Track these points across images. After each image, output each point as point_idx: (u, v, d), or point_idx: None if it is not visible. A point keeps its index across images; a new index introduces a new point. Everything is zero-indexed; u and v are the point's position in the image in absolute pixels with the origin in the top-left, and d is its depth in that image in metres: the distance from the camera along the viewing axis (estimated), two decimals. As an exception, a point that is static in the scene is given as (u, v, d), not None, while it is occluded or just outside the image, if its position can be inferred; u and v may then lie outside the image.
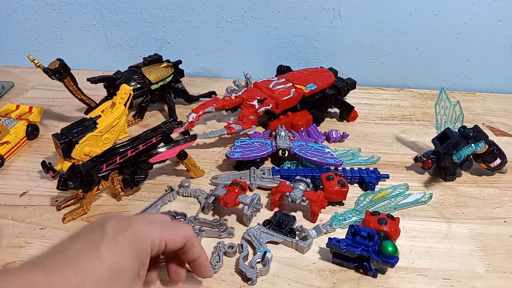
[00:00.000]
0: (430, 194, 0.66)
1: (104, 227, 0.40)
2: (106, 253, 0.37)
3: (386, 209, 0.63)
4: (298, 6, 0.92)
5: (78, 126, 0.68)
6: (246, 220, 0.60)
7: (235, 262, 0.55)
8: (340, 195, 0.63)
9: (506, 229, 0.61)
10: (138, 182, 0.65)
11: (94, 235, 0.39)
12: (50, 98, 0.91)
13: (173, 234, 0.43)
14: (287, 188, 0.62)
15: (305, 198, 0.60)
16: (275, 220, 0.59)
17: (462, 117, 0.70)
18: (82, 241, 0.39)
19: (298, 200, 0.60)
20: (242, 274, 0.52)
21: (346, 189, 0.63)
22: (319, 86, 0.80)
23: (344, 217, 0.61)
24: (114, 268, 0.37)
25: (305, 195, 0.61)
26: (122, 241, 0.39)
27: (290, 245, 0.57)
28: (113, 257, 0.37)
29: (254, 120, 0.75)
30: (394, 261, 0.51)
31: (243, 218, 0.60)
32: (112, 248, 0.38)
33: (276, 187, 0.63)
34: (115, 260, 0.37)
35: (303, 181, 0.63)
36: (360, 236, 0.52)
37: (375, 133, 0.82)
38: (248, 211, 0.59)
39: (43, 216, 0.62)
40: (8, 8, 0.99)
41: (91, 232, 0.40)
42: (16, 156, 0.74)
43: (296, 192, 0.61)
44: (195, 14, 0.96)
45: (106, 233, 0.39)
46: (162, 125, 0.65)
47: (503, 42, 0.92)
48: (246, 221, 0.60)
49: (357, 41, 0.96)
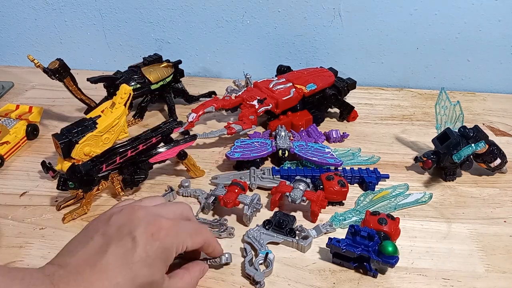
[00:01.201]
0: (430, 194, 0.66)
1: (134, 233, 0.41)
2: (139, 268, 0.40)
3: (386, 209, 0.63)
4: (298, 6, 0.92)
5: (78, 126, 0.68)
6: (246, 220, 0.60)
7: (240, 266, 0.54)
8: (340, 195, 0.63)
9: (506, 229, 0.61)
10: (138, 182, 0.65)
11: (125, 242, 0.41)
12: (50, 98, 0.91)
13: (195, 242, 0.47)
14: (287, 188, 0.62)
15: (305, 198, 0.60)
16: (275, 220, 0.59)
17: (462, 117, 0.70)
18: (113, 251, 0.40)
19: (298, 200, 0.60)
20: (250, 278, 0.52)
21: (346, 189, 0.63)
22: (319, 86, 0.80)
23: (344, 217, 0.61)
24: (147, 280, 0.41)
25: (305, 195, 0.61)
26: (153, 252, 0.41)
27: (290, 244, 0.57)
28: (146, 271, 0.41)
29: (254, 120, 0.75)
30: (394, 261, 0.51)
31: (243, 218, 0.60)
32: (145, 262, 0.41)
33: (276, 187, 0.63)
34: (148, 273, 0.41)
35: (303, 181, 0.63)
36: (360, 236, 0.52)
37: (375, 133, 0.82)
38: (248, 211, 0.59)
39: (43, 216, 0.62)
40: (8, 8, 0.99)
41: (120, 239, 0.41)
42: (16, 156, 0.74)
43: (296, 192, 0.61)
44: (195, 14, 0.96)
45: (137, 243, 0.41)
46: (162, 125, 0.65)
47: (503, 42, 0.92)
48: (246, 221, 0.60)
49: (357, 41, 0.96)
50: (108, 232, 0.42)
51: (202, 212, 0.63)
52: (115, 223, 0.43)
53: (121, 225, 0.43)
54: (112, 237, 0.42)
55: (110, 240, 0.41)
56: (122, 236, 0.41)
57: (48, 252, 0.56)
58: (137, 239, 0.41)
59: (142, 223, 0.43)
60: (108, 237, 0.42)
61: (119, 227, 0.43)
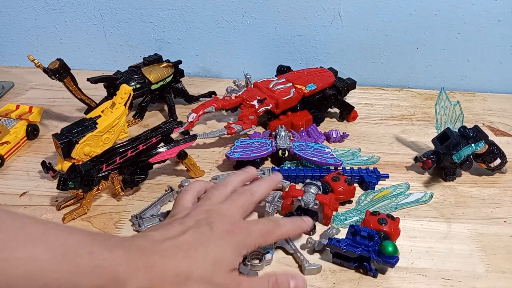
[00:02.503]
0: (430, 193, 0.66)
1: (211, 225, 0.45)
2: (213, 248, 0.43)
3: (387, 209, 0.63)
4: (298, 6, 0.92)
5: (78, 126, 0.68)
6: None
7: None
8: (349, 193, 0.63)
9: (506, 229, 0.61)
10: (138, 182, 0.65)
11: (202, 229, 0.45)
12: (50, 98, 0.91)
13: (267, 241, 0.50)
14: (298, 192, 0.61)
15: (317, 202, 0.60)
16: (294, 215, 0.59)
17: (462, 117, 0.70)
18: (190, 233, 0.44)
19: (311, 204, 0.59)
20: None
21: (354, 187, 0.63)
22: (319, 86, 0.80)
23: (345, 216, 0.61)
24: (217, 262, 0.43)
25: (317, 199, 0.60)
26: (225, 242, 0.45)
27: (298, 260, 0.55)
28: (217, 253, 0.43)
29: (254, 120, 0.75)
30: (394, 261, 0.51)
31: (265, 215, 0.60)
32: (217, 245, 0.44)
33: (287, 192, 0.62)
34: (219, 256, 0.43)
35: (314, 184, 0.62)
36: (360, 236, 0.52)
37: (375, 133, 0.82)
38: (270, 208, 0.59)
39: (43, 216, 0.62)
40: (8, 8, 0.99)
41: (198, 226, 0.45)
42: (16, 156, 0.74)
43: (308, 196, 0.59)
44: (195, 14, 0.96)
45: (214, 231, 0.45)
46: (162, 125, 0.65)
47: (503, 42, 0.92)
48: None
49: (357, 41, 0.96)
50: (186, 222, 0.46)
51: None
52: (194, 217, 0.47)
53: (199, 219, 0.46)
54: (191, 225, 0.45)
55: (189, 228, 0.45)
56: (200, 226, 0.45)
57: (48, 252, 0.56)
58: (214, 229, 0.45)
59: (219, 220, 0.46)
60: (187, 226, 0.45)
61: (197, 220, 0.46)
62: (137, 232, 0.59)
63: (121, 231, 0.60)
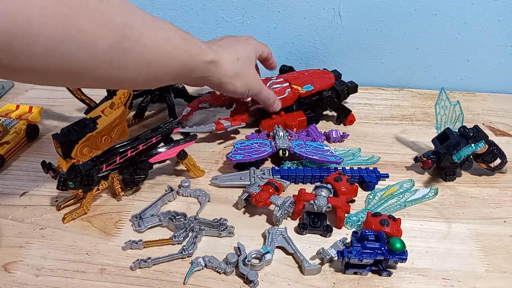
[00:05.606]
0: (436, 189, 0.66)
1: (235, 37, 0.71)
2: (243, 45, 0.69)
3: (395, 207, 0.63)
4: (298, 6, 0.92)
5: (78, 126, 0.68)
6: (275, 221, 0.60)
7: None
8: (353, 193, 0.63)
9: (506, 229, 0.61)
10: (138, 182, 0.65)
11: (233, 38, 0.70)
12: (50, 98, 0.91)
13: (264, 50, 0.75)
14: (310, 196, 0.60)
15: (330, 205, 0.59)
16: (308, 221, 0.59)
17: (462, 117, 0.70)
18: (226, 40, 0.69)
19: (324, 207, 0.59)
20: (244, 277, 0.52)
21: (356, 186, 0.63)
22: (316, 87, 0.80)
23: (357, 217, 0.61)
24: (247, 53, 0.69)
25: (329, 202, 0.59)
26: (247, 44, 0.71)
27: (298, 260, 0.55)
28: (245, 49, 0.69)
29: (244, 117, 0.76)
30: (406, 256, 0.51)
31: (273, 219, 0.60)
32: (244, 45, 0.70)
33: (298, 196, 0.61)
34: (246, 51, 0.69)
35: (324, 187, 0.62)
36: (368, 240, 0.52)
37: (375, 133, 0.82)
38: (279, 212, 0.59)
39: (43, 216, 0.62)
40: (8, 8, 0.99)
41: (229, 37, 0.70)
42: (16, 156, 0.74)
43: (320, 200, 0.59)
44: (195, 14, 0.96)
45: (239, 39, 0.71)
46: (162, 125, 0.65)
47: (503, 42, 0.92)
48: (275, 222, 0.60)
49: (357, 41, 0.96)
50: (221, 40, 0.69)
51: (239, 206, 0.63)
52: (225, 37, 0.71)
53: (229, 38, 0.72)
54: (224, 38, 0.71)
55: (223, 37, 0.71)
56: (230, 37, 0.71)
57: (48, 252, 0.56)
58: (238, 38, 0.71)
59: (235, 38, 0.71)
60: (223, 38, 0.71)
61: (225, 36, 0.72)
62: (137, 232, 0.59)
63: (121, 231, 0.60)
